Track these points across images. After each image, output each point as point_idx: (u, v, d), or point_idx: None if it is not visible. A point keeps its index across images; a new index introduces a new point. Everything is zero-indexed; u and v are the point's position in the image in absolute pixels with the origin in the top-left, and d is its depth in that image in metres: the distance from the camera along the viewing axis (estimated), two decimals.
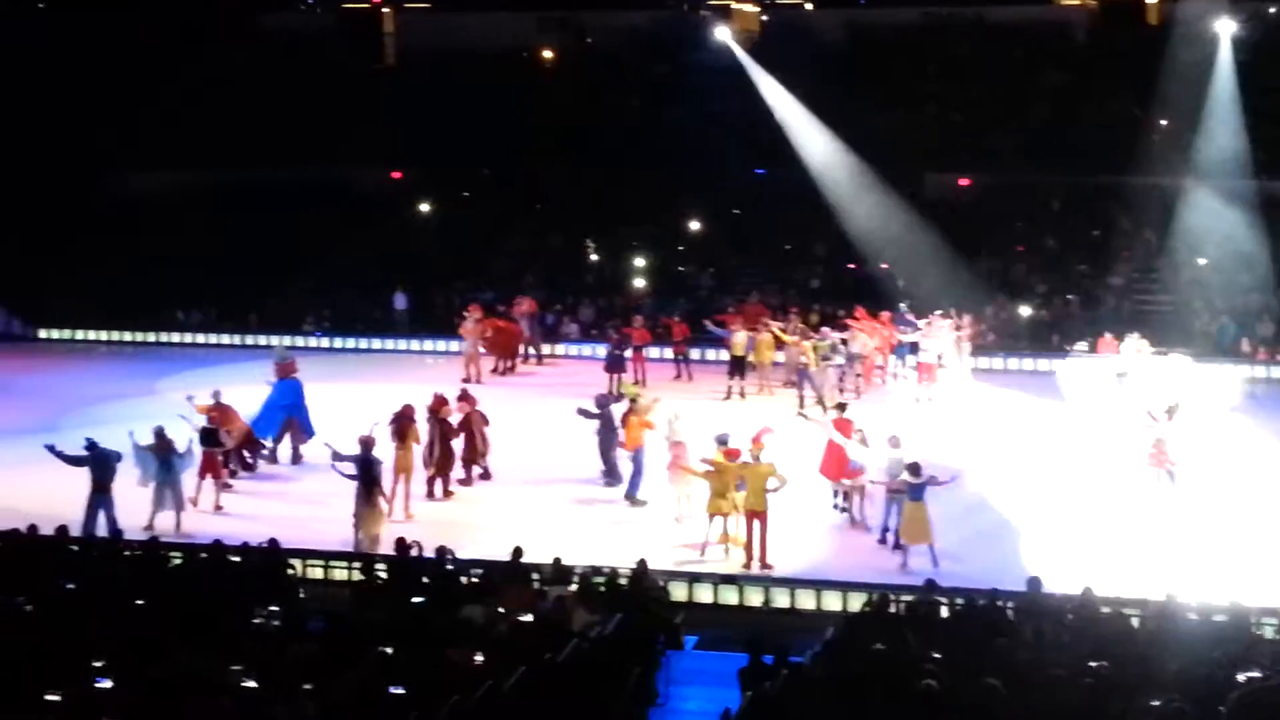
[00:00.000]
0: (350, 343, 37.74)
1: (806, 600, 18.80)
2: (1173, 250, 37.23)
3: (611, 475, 23.79)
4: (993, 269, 38.10)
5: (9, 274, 39.76)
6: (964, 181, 40.28)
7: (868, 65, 44.17)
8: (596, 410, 24.02)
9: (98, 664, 13.35)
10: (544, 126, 44.05)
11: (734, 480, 20.01)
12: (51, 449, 21.39)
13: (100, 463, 21.21)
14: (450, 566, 17.94)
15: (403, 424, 22.97)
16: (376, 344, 37.72)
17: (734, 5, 47.97)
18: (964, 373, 31.32)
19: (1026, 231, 39.43)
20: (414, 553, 18.33)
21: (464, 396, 24.83)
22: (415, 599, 16.40)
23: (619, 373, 30.83)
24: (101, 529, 20.67)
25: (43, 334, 39.28)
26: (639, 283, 38.55)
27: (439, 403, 23.84)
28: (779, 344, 30.95)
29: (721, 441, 20.86)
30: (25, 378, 33.75)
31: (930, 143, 41.33)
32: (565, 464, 25.11)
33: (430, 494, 23.51)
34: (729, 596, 19.20)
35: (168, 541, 19.70)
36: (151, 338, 38.79)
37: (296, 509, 22.81)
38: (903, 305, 33.38)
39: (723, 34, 43.01)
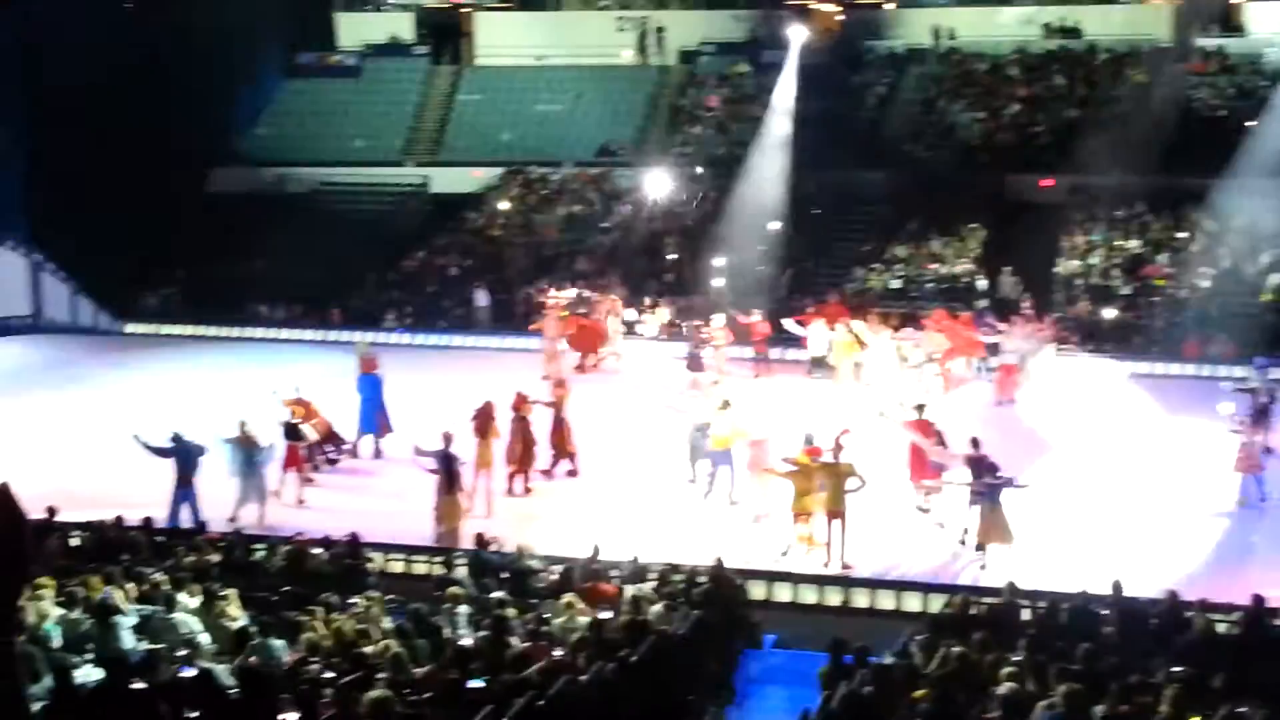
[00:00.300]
0: (432, 339, 37.93)
1: (887, 601, 18.71)
2: (1259, 252, 36.65)
3: (696, 475, 23.70)
4: (1074, 270, 37.68)
5: (99, 268, 40.34)
6: (1046, 182, 39.86)
7: (949, 66, 43.96)
8: (686, 408, 23.89)
9: (181, 654, 13.53)
10: (628, 127, 44.15)
11: (816, 480, 19.92)
12: (138, 440, 21.65)
13: (184, 455, 21.45)
14: (529, 562, 17.99)
15: (483, 420, 23.08)
16: (458, 340, 37.87)
17: (813, 5, 47.79)
18: (1046, 374, 31.02)
19: (1109, 232, 38.96)
20: (493, 548, 18.42)
21: (557, 384, 25.00)
22: (494, 594, 16.45)
23: (699, 371, 30.82)
24: (186, 521, 20.92)
25: (129, 328, 39.73)
26: (718, 282, 38.48)
27: (520, 400, 23.94)
28: (858, 344, 30.82)
29: (807, 441, 20.77)
30: (113, 371, 34.20)
31: (1012, 143, 41.01)
32: (645, 461, 25.12)
33: (510, 490, 23.60)
34: (808, 596, 19.13)
35: (250, 534, 19.91)
36: (235, 332, 39.14)
37: (377, 503, 22.96)
38: (984, 306, 33.07)
39: (802, 34, 42.88)
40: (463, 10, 51.68)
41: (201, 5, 42.88)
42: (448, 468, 20.93)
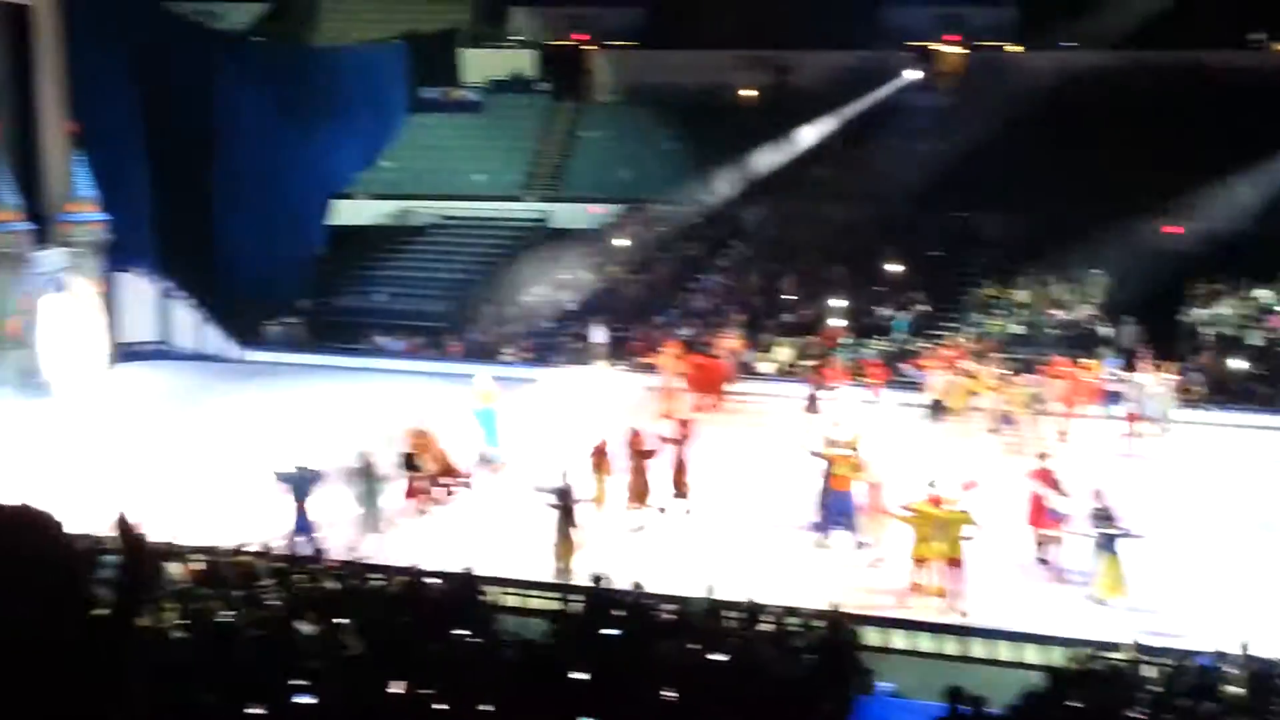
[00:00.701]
0: (548, 373, 38.03)
1: (1005, 652, 18.42)
2: None
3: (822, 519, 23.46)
4: (1200, 319, 37.02)
5: (224, 296, 41.09)
6: (1172, 229, 39.22)
7: (1074, 107, 43.42)
8: (821, 452, 23.66)
9: (299, 681, 13.62)
10: (743, 164, 44.22)
11: (935, 526, 19.71)
12: (274, 471, 21.93)
13: (304, 483, 21.71)
14: (644, 600, 17.94)
15: (599, 456, 23.12)
16: (574, 376, 37.91)
17: (936, 46, 47.58)
18: (1170, 425, 30.47)
19: (1238, 282, 38.22)
20: (608, 585, 18.40)
21: (676, 424, 24.97)
22: (609, 631, 16.41)
23: (816, 412, 30.67)
24: (305, 548, 21.15)
25: (253, 356, 40.33)
26: (835, 323, 38.31)
27: (635, 437, 23.95)
28: (977, 389, 30.53)
29: (930, 487, 20.56)
30: (236, 398, 34.70)
31: (1138, 187, 40.37)
32: (762, 502, 24.99)
33: (626, 527, 23.58)
34: (924, 643, 18.89)
35: (367, 563, 20.07)
36: (356, 363, 39.56)
37: (493, 536, 23.04)
38: (1108, 353, 32.58)
39: (925, 74, 42.71)
40: (585, 48, 52.14)
41: (329, 41, 43.74)
42: (565, 504, 20.97)
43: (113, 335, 38.40)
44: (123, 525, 1.74)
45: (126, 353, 38.75)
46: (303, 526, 21.53)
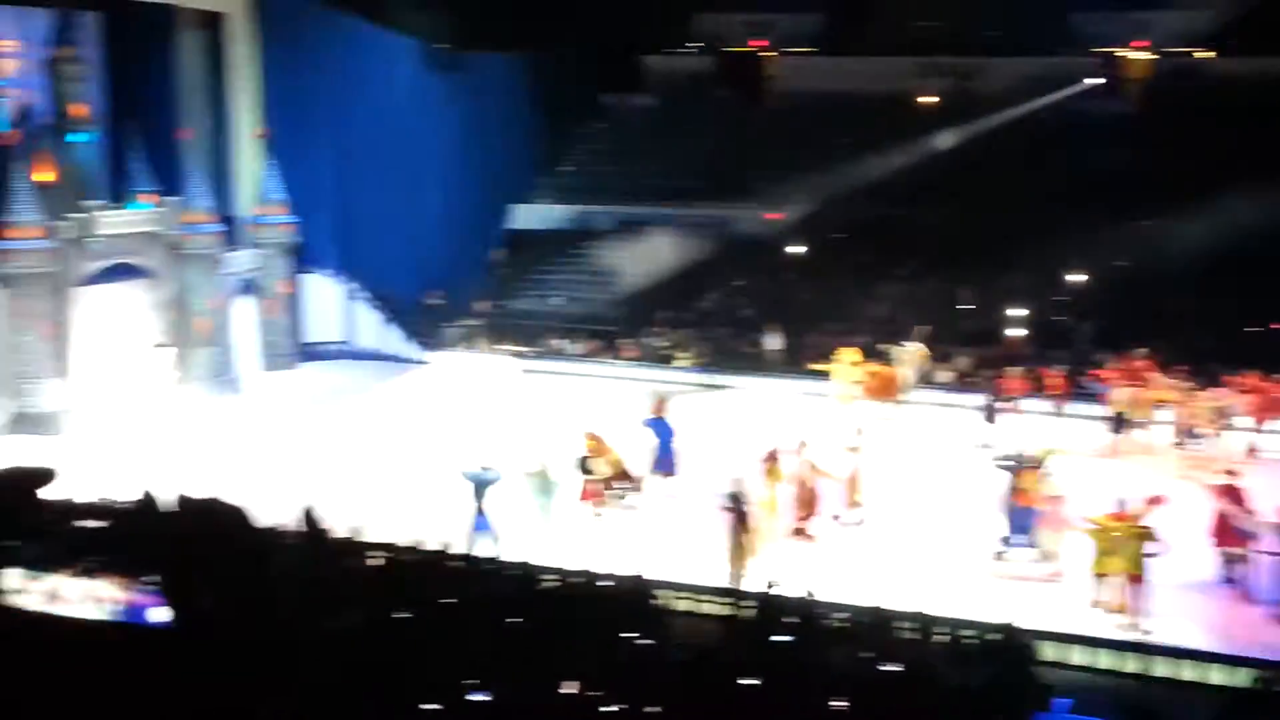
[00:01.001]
0: (722, 380, 38.01)
1: (1188, 672, 17.92)
2: None
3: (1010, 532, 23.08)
4: None
5: (407, 298, 41.83)
6: None
7: (1265, 113, 42.09)
8: (1012, 462, 23.28)
9: (472, 680, 13.77)
10: (923, 171, 43.75)
11: (1117, 541, 19.30)
12: (464, 472, 22.23)
13: (484, 484, 22.01)
14: (816, 608, 17.81)
15: (771, 463, 23.04)
16: (746, 382, 37.84)
17: (1125, 53, 46.57)
18: None
19: None
20: (780, 591, 18.31)
21: (853, 433, 24.83)
22: (780, 638, 16.33)
23: (995, 423, 30.23)
24: (482, 548, 21.41)
25: (430, 356, 40.94)
26: (1015, 332, 37.69)
27: (803, 445, 23.84)
28: (1162, 403, 29.81)
29: (1119, 505, 20.12)
30: (416, 399, 35.27)
31: None
32: (936, 513, 24.70)
33: (797, 534, 23.48)
34: (1103, 661, 18.47)
35: (541, 565, 20.24)
36: (533, 365, 39.96)
37: (666, 541, 23.09)
38: None
39: (1110, 80, 41.82)
40: (765, 54, 52.05)
41: (510, 48, 44.31)
42: (739, 510, 20.94)
43: (298, 335, 39.33)
44: (308, 519, 1.73)
45: (311, 352, 39.65)
46: (482, 526, 21.82)
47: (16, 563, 13.83)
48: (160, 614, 10.19)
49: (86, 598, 14.37)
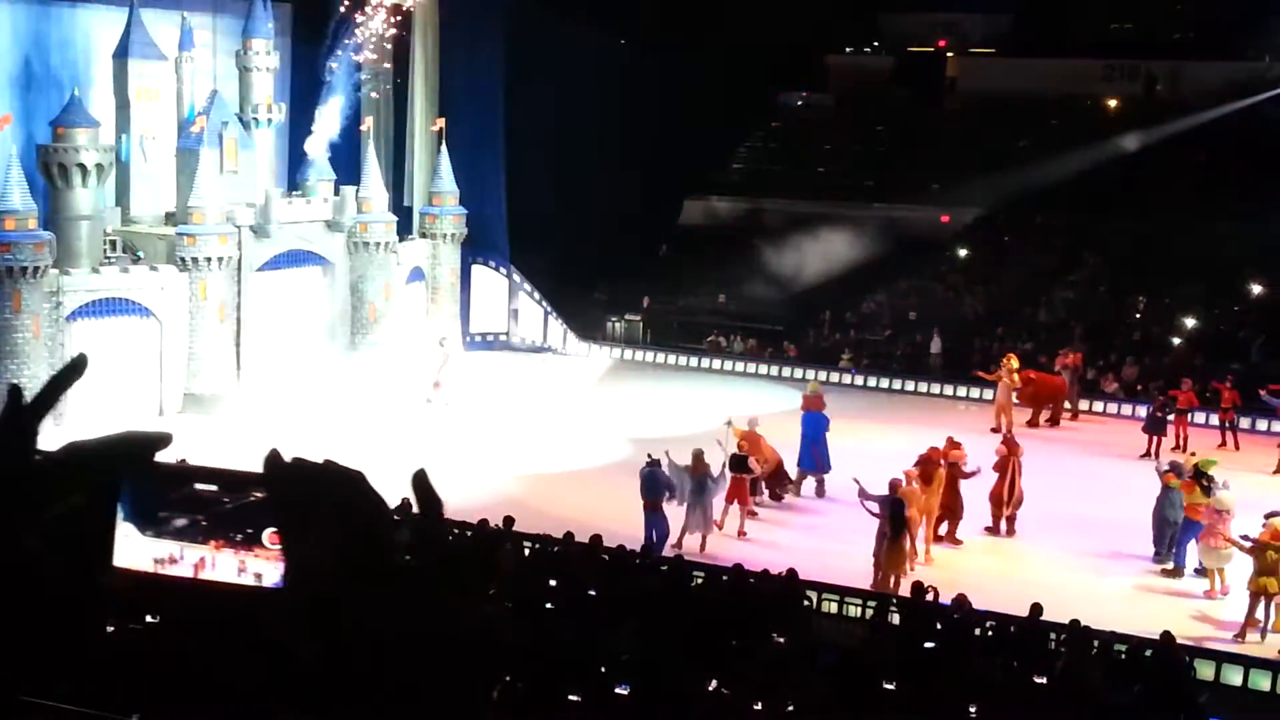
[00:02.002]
0: (883, 382, 37.78)
1: None
2: None
3: (1160, 546, 22.66)
4: None
5: (571, 292, 42.33)
6: None
7: None
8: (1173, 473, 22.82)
9: (615, 672, 13.97)
10: (1102, 176, 42.97)
11: (1277, 561, 18.88)
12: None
13: (651, 482, 22.26)
14: (966, 616, 17.71)
15: (928, 467, 22.88)
16: (909, 385, 37.55)
17: None
18: None
19: None
20: (930, 598, 18.23)
21: (1007, 442, 24.49)
22: (927, 644, 16.29)
23: (1159, 435, 29.63)
24: (660, 546, 21.68)
25: (594, 351, 41.25)
26: (1185, 343, 36.91)
27: (950, 447, 23.66)
28: None
29: (1275, 517, 19.68)
30: (577, 391, 35.54)
31: None
32: (1092, 524, 24.27)
33: (941, 539, 23.32)
34: (1261, 683, 18.06)
35: (691, 561, 20.38)
36: (694, 362, 40.05)
37: (817, 542, 23.06)
38: None
39: None
40: (947, 54, 51.63)
41: (688, 41, 44.49)
42: (893, 514, 20.85)
43: (465, 325, 39.97)
44: (419, 482, 1.84)
45: (476, 341, 40.26)
46: (650, 523, 22.08)
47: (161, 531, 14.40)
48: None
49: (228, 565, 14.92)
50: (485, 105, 39.52)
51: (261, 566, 14.34)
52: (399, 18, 37.26)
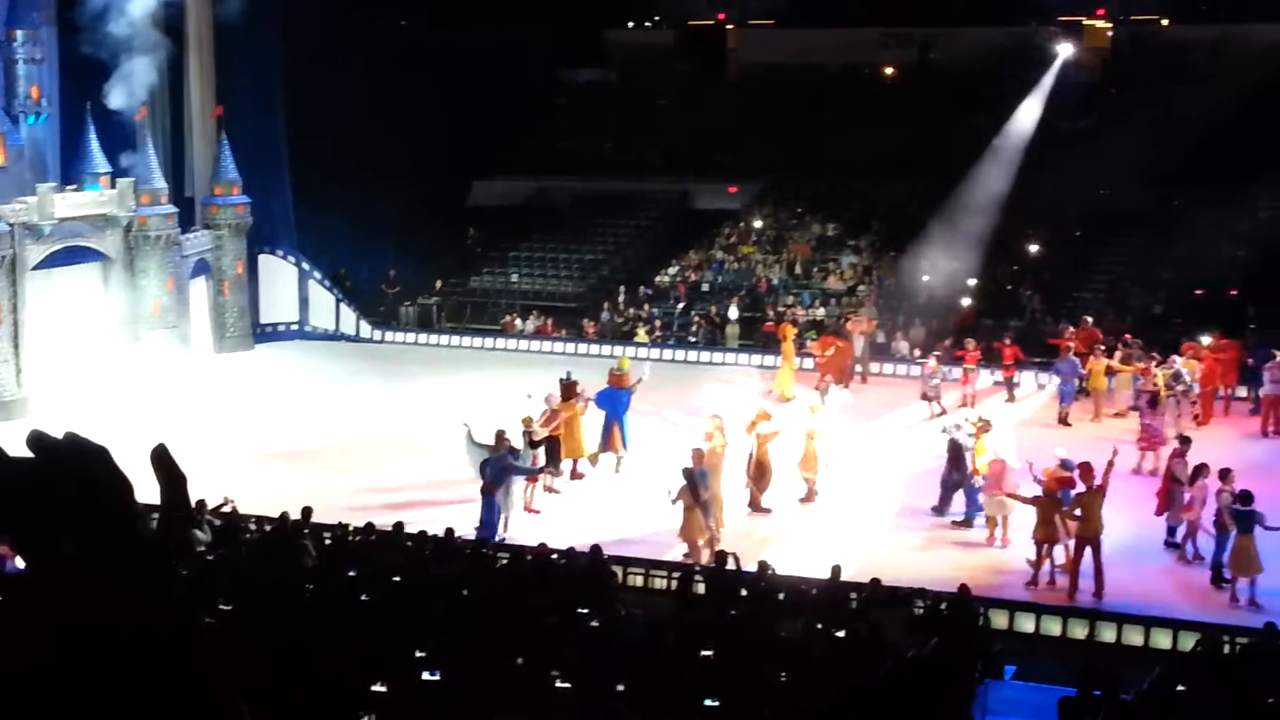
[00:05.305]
0: (680, 355, 38.05)
1: (1134, 636, 18.15)
2: None
3: (943, 504, 23.28)
4: None
5: (361, 278, 41.86)
6: None
7: (1227, 82, 42.20)
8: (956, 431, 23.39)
9: (424, 656, 13.85)
10: (883, 143, 43.89)
11: (1059, 506, 19.55)
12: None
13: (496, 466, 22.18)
14: (770, 581, 17.98)
15: (717, 435, 23.05)
16: (706, 357, 37.86)
17: (1085, 21, 46.75)
18: None
19: None
20: (732, 565, 18.45)
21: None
22: (732, 611, 16.49)
23: (934, 399, 30.43)
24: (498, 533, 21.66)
25: (388, 337, 40.88)
26: (969, 302, 37.97)
27: (757, 418, 23.92)
28: (1114, 370, 30.13)
29: (1065, 467, 20.36)
30: (371, 380, 35.08)
31: None
32: (887, 484, 24.83)
33: (752, 507, 23.61)
34: (1052, 627, 18.69)
35: (496, 542, 20.34)
36: (490, 344, 39.89)
37: (619, 517, 23.14)
38: (1250, 336, 31.92)
39: (1072, 51, 41.92)
40: (726, 27, 52.12)
41: (469, 22, 44.24)
42: (691, 484, 21.04)
43: (253, 315, 39.24)
44: (160, 458, 1.79)
45: (265, 333, 39.57)
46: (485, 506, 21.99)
47: None
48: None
49: None
50: (265, 91, 38.73)
51: None
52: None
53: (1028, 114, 41.52)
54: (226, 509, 20.41)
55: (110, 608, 1.74)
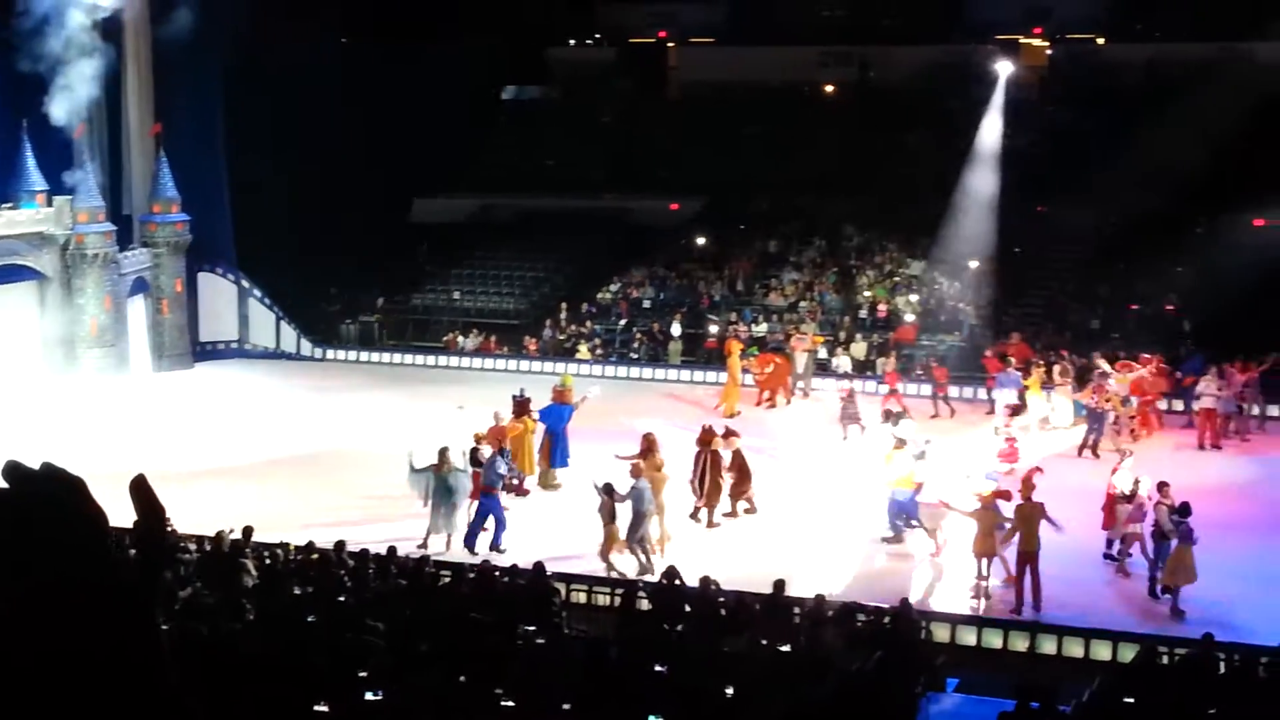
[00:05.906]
0: (623, 371, 38.03)
1: (1074, 648, 18.29)
2: None
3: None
4: None
5: (302, 296, 41.65)
6: (1259, 221, 38.53)
7: (1162, 101, 42.61)
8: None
9: (365, 675, 13.76)
10: (824, 161, 44.11)
11: (998, 520, 19.68)
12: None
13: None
14: (713, 596, 17.98)
15: (646, 452, 23.08)
16: (649, 374, 37.89)
17: (1022, 40, 47.21)
18: (1247, 422, 30.26)
19: None
20: (676, 581, 18.46)
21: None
22: (677, 627, 16.49)
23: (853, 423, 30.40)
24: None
25: (330, 355, 40.69)
26: (911, 319, 38.22)
27: (708, 434, 23.94)
28: (1053, 384, 30.40)
29: (993, 480, 20.51)
30: (313, 396, 34.91)
31: (1227, 181, 39.56)
32: (829, 499, 24.89)
33: (697, 520, 23.62)
34: (993, 640, 18.81)
35: (438, 560, 20.24)
36: (432, 361, 39.77)
37: (561, 534, 23.07)
38: (1187, 351, 32.31)
39: (1008, 69, 42.25)
40: (667, 45, 52.27)
41: (411, 39, 44.15)
42: (610, 500, 21.07)
43: (193, 334, 38.96)
44: (139, 487, 1.78)
45: (205, 351, 39.31)
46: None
47: None
48: None
49: None
50: (204, 108, 38.47)
51: None
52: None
53: (989, 133, 41.58)
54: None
55: (87, 634, 1.75)
